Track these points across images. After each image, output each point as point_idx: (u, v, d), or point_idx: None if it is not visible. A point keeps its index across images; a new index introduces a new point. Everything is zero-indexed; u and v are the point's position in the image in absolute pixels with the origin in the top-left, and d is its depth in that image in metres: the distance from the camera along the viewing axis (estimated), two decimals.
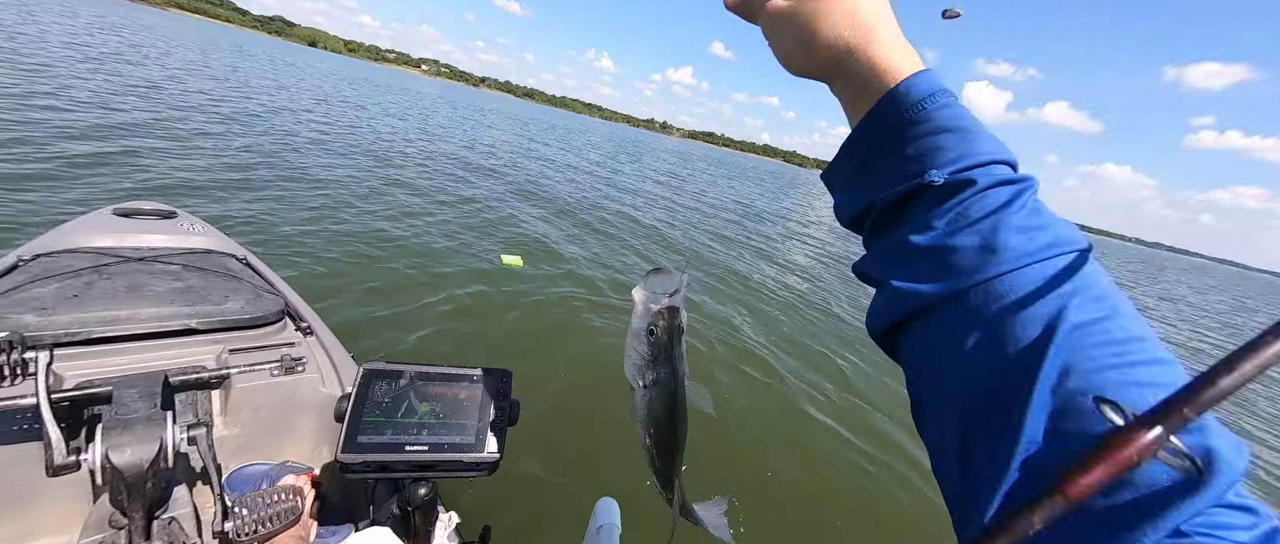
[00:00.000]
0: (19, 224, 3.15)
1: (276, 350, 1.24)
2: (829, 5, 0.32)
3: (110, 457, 0.83)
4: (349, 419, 0.72)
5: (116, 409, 0.86)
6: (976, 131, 0.30)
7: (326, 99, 16.04)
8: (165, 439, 0.86)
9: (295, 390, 1.22)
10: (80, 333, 1.05)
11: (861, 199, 0.34)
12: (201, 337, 1.18)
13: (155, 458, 0.86)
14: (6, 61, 8.43)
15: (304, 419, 1.25)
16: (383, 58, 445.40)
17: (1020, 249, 0.26)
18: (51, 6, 26.77)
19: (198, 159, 5.68)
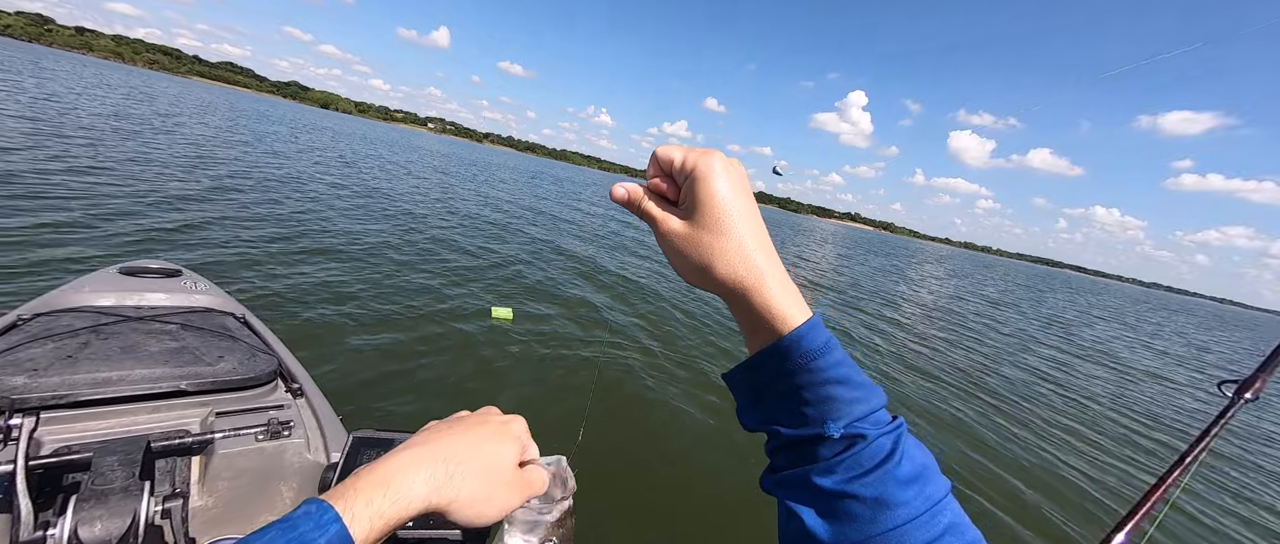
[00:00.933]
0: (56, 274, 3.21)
1: (264, 413, 1.22)
2: (724, 244, 0.35)
3: (78, 532, 0.79)
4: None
5: (93, 479, 0.84)
6: (861, 383, 0.34)
7: (326, 157, 16.61)
8: (139, 513, 0.84)
9: (279, 456, 1.19)
10: (68, 395, 1.04)
11: (763, 424, 0.38)
12: (190, 398, 1.17)
13: (125, 534, 0.82)
14: (52, 127, 8.82)
15: (285, 488, 1.21)
16: (391, 117, 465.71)
17: (908, 505, 0.31)
18: (86, 78, 28.28)
19: (219, 216, 5.87)
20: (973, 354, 7.33)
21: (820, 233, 57.36)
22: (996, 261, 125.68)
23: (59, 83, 20.76)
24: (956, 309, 12.45)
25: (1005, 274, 49.04)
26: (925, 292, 15.49)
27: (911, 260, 35.64)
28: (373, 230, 7.18)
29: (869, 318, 8.75)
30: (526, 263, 7.22)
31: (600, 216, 16.25)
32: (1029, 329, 11.60)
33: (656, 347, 4.73)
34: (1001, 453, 3.96)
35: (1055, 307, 19.90)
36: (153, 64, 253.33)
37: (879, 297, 11.90)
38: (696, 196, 0.36)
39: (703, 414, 3.46)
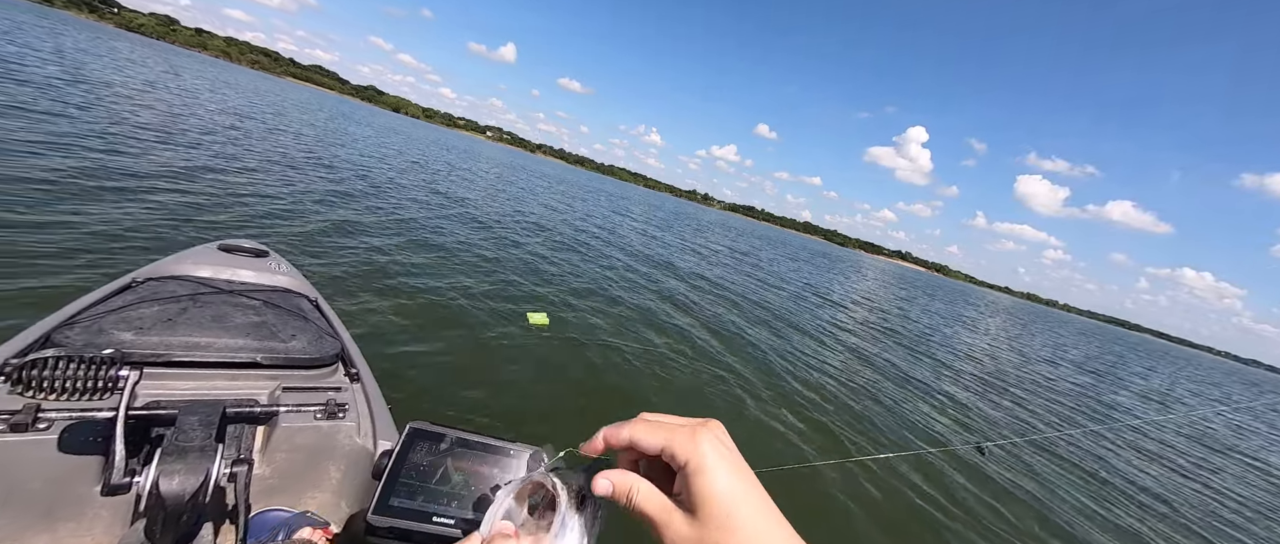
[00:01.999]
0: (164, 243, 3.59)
1: (324, 393, 1.28)
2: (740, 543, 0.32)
3: (159, 483, 0.84)
4: (386, 477, 0.69)
5: (176, 435, 0.89)
6: None
7: (394, 159, 17.70)
8: (211, 472, 0.88)
9: (333, 436, 1.24)
10: (164, 355, 1.14)
11: None
12: (262, 371, 1.25)
13: (198, 490, 0.87)
14: (181, 121, 9.99)
15: (333, 468, 1.25)
16: (454, 123, 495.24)
17: None
18: (206, 76, 31.86)
19: (306, 206, 6.43)
20: (1099, 443, 6.40)
21: (871, 269, 55.25)
22: (1064, 318, 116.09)
23: (200, 80, 23.51)
24: (1051, 377, 11.35)
25: (1080, 332, 45.19)
26: (1006, 348, 14.34)
27: (974, 307, 33.58)
28: (436, 228, 7.56)
29: (955, 374, 8.21)
30: (570, 272, 7.33)
31: (640, 233, 16.35)
32: (1145, 413, 9.98)
33: (694, 361, 4.65)
34: None
35: (1162, 381, 18.03)
36: (254, 64, 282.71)
37: (953, 349, 11.14)
38: (696, 494, 0.33)
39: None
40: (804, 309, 10.39)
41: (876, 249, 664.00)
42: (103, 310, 1.21)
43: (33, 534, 0.96)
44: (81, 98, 9.34)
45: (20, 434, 0.95)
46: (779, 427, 3.87)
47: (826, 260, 42.28)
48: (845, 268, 38.40)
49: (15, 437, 0.94)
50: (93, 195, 4.48)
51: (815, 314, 10.17)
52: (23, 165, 4.67)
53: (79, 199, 4.28)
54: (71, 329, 1.13)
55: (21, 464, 0.95)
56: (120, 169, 5.50)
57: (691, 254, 14.67)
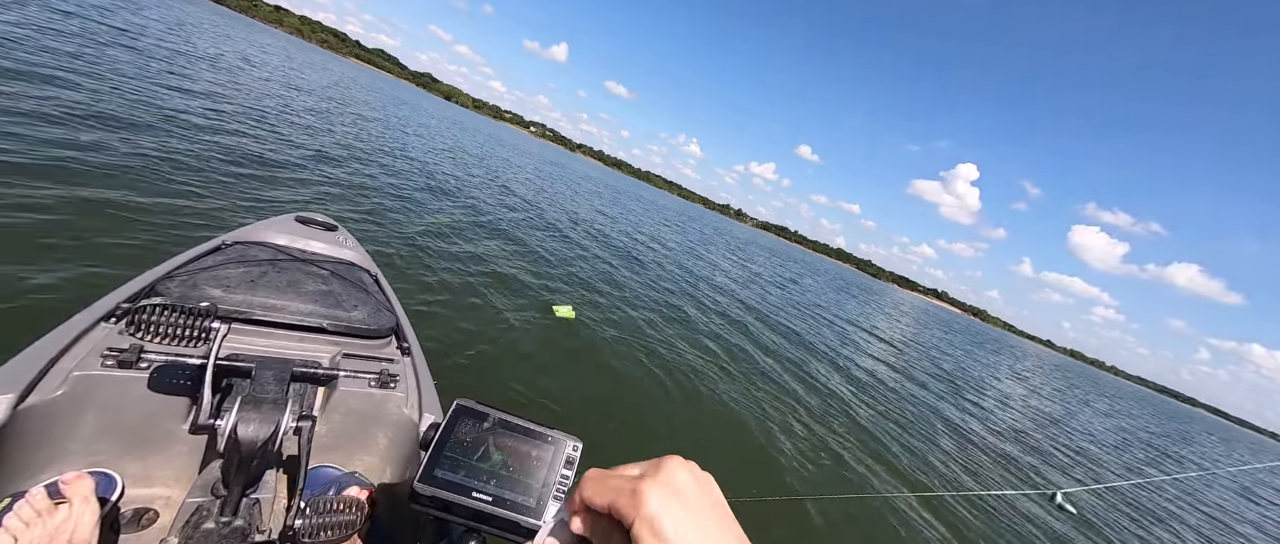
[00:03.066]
0: (251, 208, 3.93)
1: (378, 363, 1.38)
2: None
3: (237, 428, 0.93)
4: (433, 448, 0.72)
5: (254, 387, 0.98)
6: None
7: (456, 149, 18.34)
8: (282, 423, 0.96)
9: (383, 404, 1.33)
10: (245, 313, 1.25)
11: None
12: (326, 336, 1.35)
13: (269, 438, 0.95)
14: (265, 100, 10.73)
15: (381, 434, 1.34)
16: (501, 116, 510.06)
17: None
18: (284, 53, 33.97)
19: (374, 186, 6.87)
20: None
21: (905, 305, 53.37)
22: (1111, 381, 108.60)
23: (294, 63, 25.16)
24: (1142, 463, 10.52)
25: (1133, 398, 42.12)
26: (1079, 427, 13.44)
27: (1018, 360, 31.90)
28: (487, 218, 7.82)
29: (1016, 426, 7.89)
30: (604, 270, 7.42)
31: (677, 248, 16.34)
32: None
33: (715, 360, 4.63)
34: None
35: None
36: (323, 43, 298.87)
37: (1019, 410, 10.54)
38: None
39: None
40: (847, 342, 10.16)
41: (912, 284, 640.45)
42: (197, 267, 1.34)
43: (127, 460, 1.07)
44: (200, 78, 10.13)
45: (125, 370, 1.06)
46: (820, 452, 3.81)
47: (864, 293, 41.14)
48: (881, 302, 37.27)
49: (121, 372, 1.06)
50: (190, 166, 4.89)
51: (858, 347, 9.93)
52: (139, 132, 5.13)
53: (180, 167, 4.70)
54: (171, 281, 1.26)
55: (124, 397, 1.06)
56: (216, 141, 5.98)
57: (728, 270, 14.60)
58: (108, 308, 1.22)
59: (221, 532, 0.89)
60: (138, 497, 1.09)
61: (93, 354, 1.07)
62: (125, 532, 1.04)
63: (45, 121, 4.21)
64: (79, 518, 0.89)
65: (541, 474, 0.71)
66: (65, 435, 1.02)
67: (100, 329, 1.17)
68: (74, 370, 1.03)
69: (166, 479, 1.12)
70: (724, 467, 3.18)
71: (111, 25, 11.20)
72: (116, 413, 1.07)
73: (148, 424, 1.09)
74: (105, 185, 3.55)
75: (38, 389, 0.99)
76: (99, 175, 3.68)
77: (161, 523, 1.08)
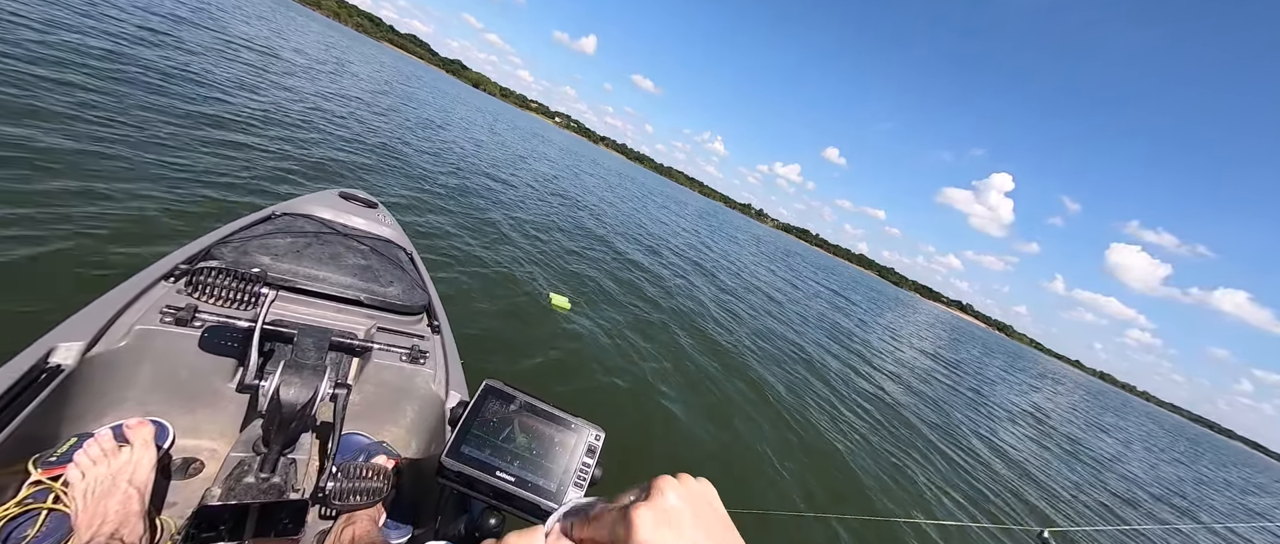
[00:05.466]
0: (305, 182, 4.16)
1: (410, 339, 1.43)
2: None
3: (280, 390, 0.98)
4: (461, 425, 0.74)
5: (295, 352, 1.04)
6: None
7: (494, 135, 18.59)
8: (320, 389, 1.01)
9: (412, 379, 1.38)
10: (290, 281, 1.32)
11: None
12: (363, 309, 1.41)
13: (307, 402, 1.00)
14: (310, 83, 11.08)
15: (410, 408, 1.40)
16: (527, 105, 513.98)
17: None
18: (324, 40, 34.91)
19: (420, 170, 7.01)
20: None
21: (930, 316, 52.09)
22: (1144, 408, 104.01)
23: (316, 43, 25.89)
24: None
25: (1168, 429, 40.48)
26: (1098, 456, 13.17)
27: (1057, 387, 30.83)
28: (519, 207, 7.95)
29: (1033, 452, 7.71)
30: (614, 262, 7.46)
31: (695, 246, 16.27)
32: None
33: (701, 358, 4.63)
34: None
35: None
36: (359, 27, 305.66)
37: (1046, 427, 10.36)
38: None
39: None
40: (870, 348, 10.02)
41: (935, 295, 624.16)
42: (249, 235, 1.42)
43: (179, 414, 1.15)
44: (245, 59, 10.52)
45: (181, 328, 1.13)
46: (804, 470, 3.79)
47: (901, 305, 40.27)
48: (912, 316, 36.46)
49: (177, 329, 1.13)
50: (243, 141, 5.14)
51: (879, 356, 9.79)
52: (205, 108, 5.38)
53: (235, 136, 4.95)
54: (226, 246, 1.34)
55: (178, 353, 1.14)
56: (267, 117, 6.23)
57: (751, 271, 14.51)
58: (168, 267, 1.30)
59: (260, 486, 0.94)
60: (186, 447, 1.17)
61: (153, 310, 1.15)
62: (175, 478, 1.12)
63: (110, 106, 4.43)
64: (139, 460, 0.97)
65: (563, 460, 0.73)
66: (125, 384, 1.10)
67: (160, 287, 1.25)
68: (137, 324, 1.11)
69: (212, 433, 1.20)
70: (729, 476, 3.19)
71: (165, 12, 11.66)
72: (171, 367, 1.14)
73: (198, 380, 1.17)
74: (162, 156, 3.74)
75: (104, 339, 1.07)
76: (157, 145, 3.89)
77: (207, 473, 1.16)
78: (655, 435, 3.10)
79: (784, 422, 4.25)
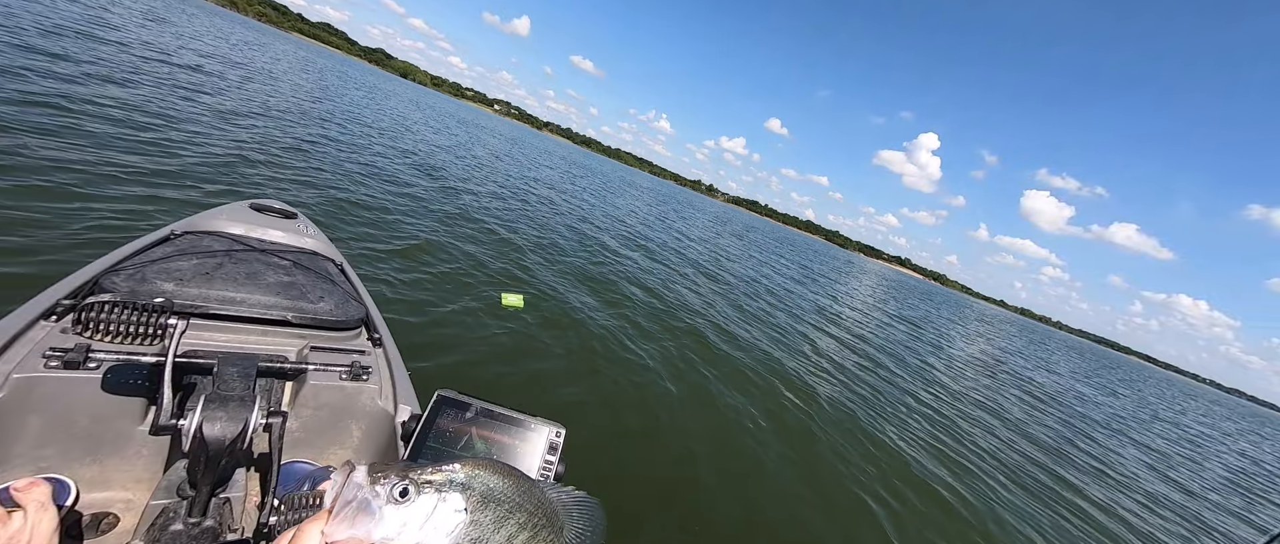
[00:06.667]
0: (191, 199, 3.68)
1: (349, 355, 1.34)
2: None
3: (203, 427, 0.90)
4: (415, 440, 0.72)
5: (217, 384, 0.94)
6: None
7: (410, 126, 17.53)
8: (250, 420, 0.93)
9: (356, 397, 1.30)
10: (202, 307, 1.19)
11: None
12: (292, 329, 1.30)
13: (237, 436, 0.92)
14: (194, 78, 9.84)
15: (355, 427, 1.31)
16: (462, 94, 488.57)
17: None
18: (234, 37, 31.23)
19: (344, 173, 6.40)
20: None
21: (871, 273, 55.30)
22: (1056, 334, 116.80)
23: (199, 27, 23.09)
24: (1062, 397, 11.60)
25: (1071, 349, 45.81)
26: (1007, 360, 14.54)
27: (973, 318, 33.76)
28: (454, 204, 7.55)
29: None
30: (552, 249, 7.36)
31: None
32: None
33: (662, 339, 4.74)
34: None
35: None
36: (261, 16, 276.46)
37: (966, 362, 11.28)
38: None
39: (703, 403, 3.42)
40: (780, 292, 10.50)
41: (877, 253, 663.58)
42: (145, 260, 1.25)
43: (82, 466, 1.02)
44: (101, 52, 9.19)
45: (72, 371, 1.00)
46: None
47: (828, 261, 42.34)
48: (851, 273, 38.52)
49: (68, 373, 1.00)
50: (126, 147, 4.49)
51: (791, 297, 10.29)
52: (57, 113, 4.65)
53: (113, 150, 4.29)
54: (117, 275, 1.18)
55: (72, 399, 1.00)
56: (148, 123, 5.48)
57: (702, 246, 14.73)
58: (46, 305, 1.14)
59: (191, 532, 0.86)
60: (95, 501, 1.04)
61: (33, 354, 1.01)
62: (87, 537, 1.00)
63: None
64: (36, 524, 0.85)
65: (525, 463, 0.73)
66: (8, 440, 0.96)
67: (39, 328, 1.09)
68: (13, 373, 0.97)
69: (126, 481, 1.08)
70: (720, 457, 3.28)
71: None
72: (65, 416, 1.01)
73: (101, 426, 1.04)
74: (30, 173, 3.24)
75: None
76: (23, 163, 3.36)
77: (124, 527, 1.05)
78: (622, 425, 3.12)
79: (764, 396, 4.41)
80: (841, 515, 2.97)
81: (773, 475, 3.12)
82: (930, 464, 4.20)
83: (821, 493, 3.15)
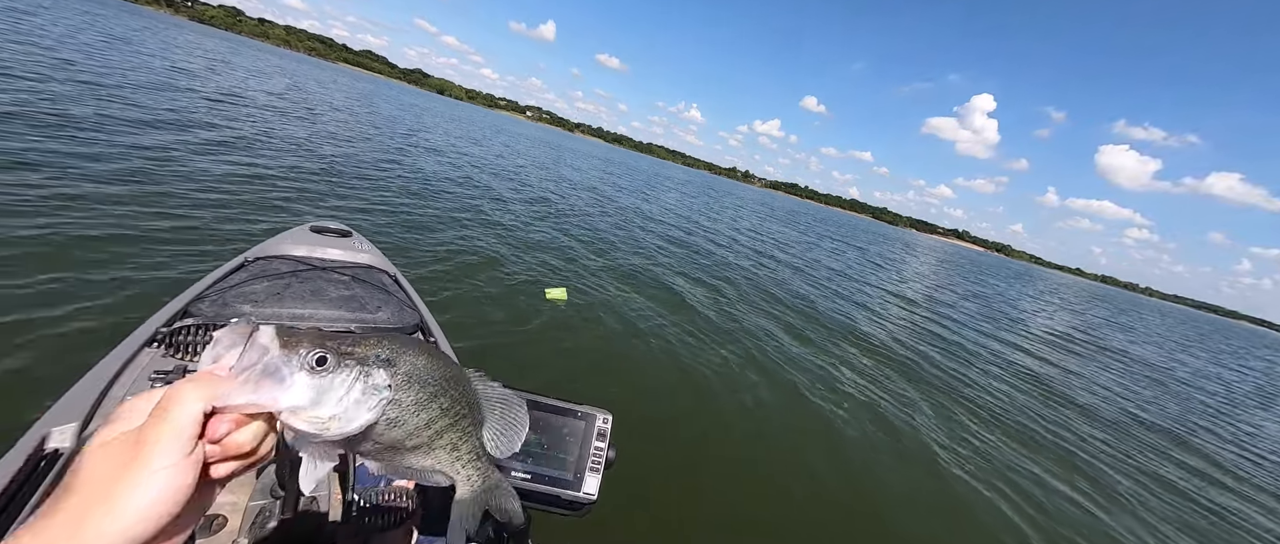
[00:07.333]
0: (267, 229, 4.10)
1: None
2: None
3: (283, 433, 0.97)
4: None
5: None
6: None
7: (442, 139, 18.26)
8: None
9: None
10: (276, 324, 1.30)
11: None
12: None
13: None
14: (256, 115, 10.78)
15: None
16: (495, 104, 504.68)
17: None
18: (275, 66, 33.91)
19: (390, 189, 6.86)
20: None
21: (926, 249, 52.22)
22: (1142, 302, 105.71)
23: (298, 80, 25.19)
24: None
25: (1168, 317, 41.42)
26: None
27: (1045, 290, 31.24)
28: (494, 209, 7.83)
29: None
30: (593, 245, 7.42)
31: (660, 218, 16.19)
32: None
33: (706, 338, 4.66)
34: None
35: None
36: (312, 51, 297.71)
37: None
38: None
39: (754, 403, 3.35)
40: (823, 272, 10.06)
41: (930, 227, 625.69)
42: (224, 286, 1.39)
43: None
44: (185, 99, 10.21)
45: None
46: None
47: (869, 238, 40.37)
48: (899, 249, 36.58)
49: None
50: (199, 188, 4.97)
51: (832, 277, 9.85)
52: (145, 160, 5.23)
53: (192, 189, 4.79)
54: (203, 302, 1.30)
55: None
56: (220, 161, 6.06)
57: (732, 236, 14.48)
58: (148, 334, 1.27)
59: (283, 529, 0.94)
60: None
61: (141, 378, 1.12)
62: (200, 538, 1.11)
63: (47, 165, 4.30)
64: None
65: (575, 449, 0.75)
66: None
67: (144, 354, 1.22)
68: (127, 396, 1.08)
69: (231, 485, 1.19)
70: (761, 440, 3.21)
71: (102, 64, 11.29)
72: None
73: None
74: (120, 215, 3.65)
75: (97, 416, 1.04)
76: (113, 205, 3.78)
77: (231, 527, 1.15)
78: (673, 407, 3.11)
79: (830, 385, 4.29)
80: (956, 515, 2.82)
81: (846, 479, 3.00)
82: (1045, 455, 3.92)
83: (925, 489, 3.00)
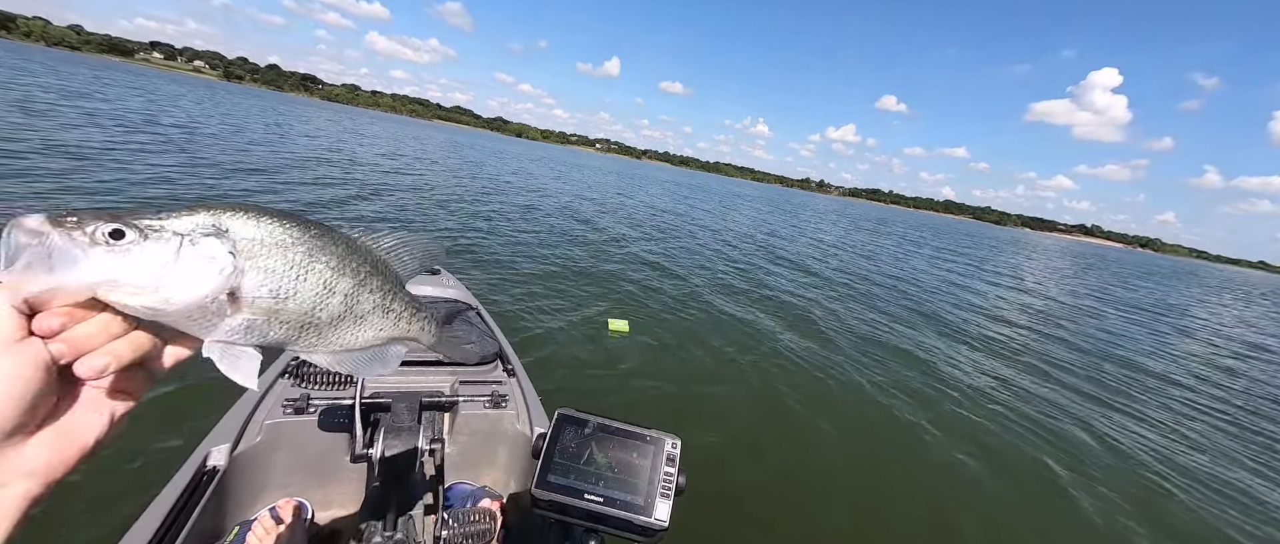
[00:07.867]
0: None
1: (489, 386, 1.52)
2: None
3: (385, 455, 1.08)
4: (543, 457, 0.77)
5: (392, 417, 1.14)
6: None
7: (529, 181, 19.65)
8: (418, 446, 1.10)
9: (499, 423, 1.46)
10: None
11: None
12: (443, 368, 1.53)
13: (409, 460, 1.09)
14: (361, 170, 12.58)
15: (501, 449, 1.48)
16: (567, 140, 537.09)
17: None
18: (400, 135, 39.26)
19: (470, 231, 7.63)
20: None
21: (1047, 250, 45.53)
22: None
23: (413, 146, 29.38)
24: None
25: None
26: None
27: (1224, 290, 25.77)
28: (569, 246, 8.29)
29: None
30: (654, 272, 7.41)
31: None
32: None
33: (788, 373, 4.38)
34: None
35: None
36: (413, 112, 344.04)
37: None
38: None
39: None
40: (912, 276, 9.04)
41: (1049, 225, 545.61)
42: None
43: (313, 490, 1.31)
44: (295, 155, 12.18)
45: (300, 416, 1.29)
46: None
47: (966, 240, 36.13)
48: (1014, 252, 32.39)
49: (298, 418, 1.29)
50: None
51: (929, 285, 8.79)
52: None
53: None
54: None
55: (302, 438, 1.30)
56: (332, 208, 7.10)
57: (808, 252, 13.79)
58: (283, 365, 1.50)
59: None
60: (323, 518, 1.31)
61: (277, 405, 1.33)
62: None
63: None
64: (293, 536, 1.12)
65: (646, 472, 0.75)
66: (268, 472, 1.27)
67: (279, 384, 1.44)
68: (266, 420, 1.28)
69: (343, 502, 1.35)
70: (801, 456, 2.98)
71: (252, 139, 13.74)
72: (299, 451, 1.30)
73: (322, 458, 1.32)
74: None
75: (244, 438, 1.25)
76: None
77: (341, 541, 1.30)
78: (750, 438, 2.98)
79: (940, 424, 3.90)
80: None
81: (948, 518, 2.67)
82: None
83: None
